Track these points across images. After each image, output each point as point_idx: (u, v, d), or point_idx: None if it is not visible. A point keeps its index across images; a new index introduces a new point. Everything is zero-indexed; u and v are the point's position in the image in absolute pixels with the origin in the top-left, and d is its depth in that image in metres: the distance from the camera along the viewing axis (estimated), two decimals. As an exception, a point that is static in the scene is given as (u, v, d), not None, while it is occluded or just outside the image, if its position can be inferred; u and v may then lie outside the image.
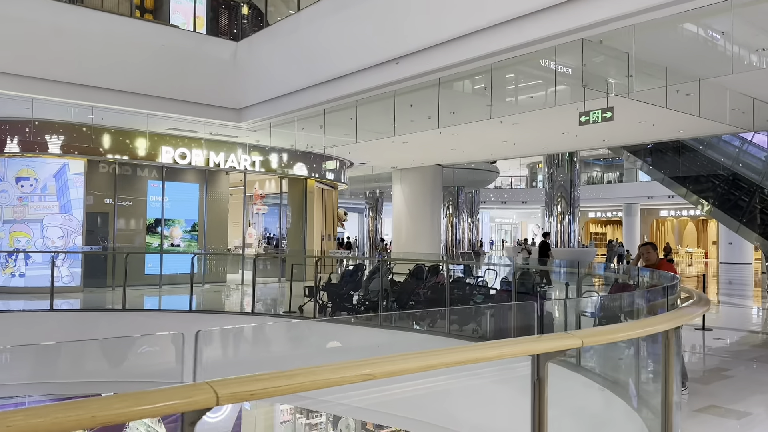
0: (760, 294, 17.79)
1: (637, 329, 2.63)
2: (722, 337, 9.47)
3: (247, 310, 11.82)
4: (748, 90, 10.81)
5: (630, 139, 15.72)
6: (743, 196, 18.67)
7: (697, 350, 8.59)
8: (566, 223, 26.17)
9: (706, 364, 7.61)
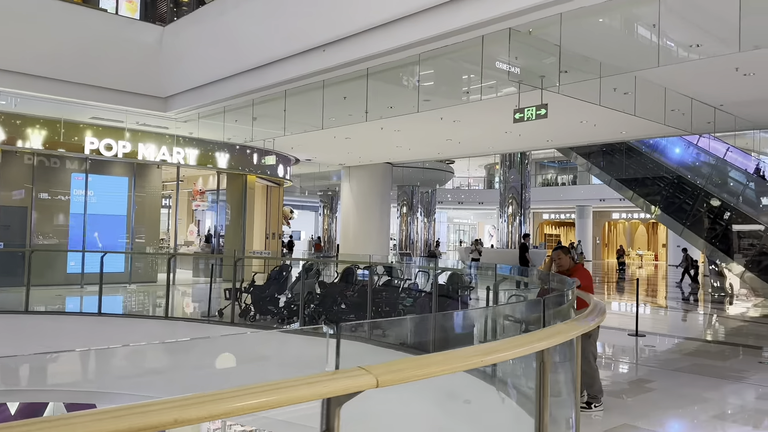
0: (702, 298, 17.71)
1: (460, 360, 1.91)
2: (654, 344, 9.09)
3: (174, 314, 11.00)
4: (686, 89, 10.47)
5: (574, 140, 15.37)
6: (687, 200, 18.59)
7: (624, 358, 8.16)
8: (517, 224, 25.88)
9: (630, 375, 7.15)
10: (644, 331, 10.26)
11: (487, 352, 2.07)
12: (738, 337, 10.36)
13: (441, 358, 1.76)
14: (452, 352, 1.88)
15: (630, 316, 12.25)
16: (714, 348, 9.08)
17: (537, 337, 2.58)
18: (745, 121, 12.33)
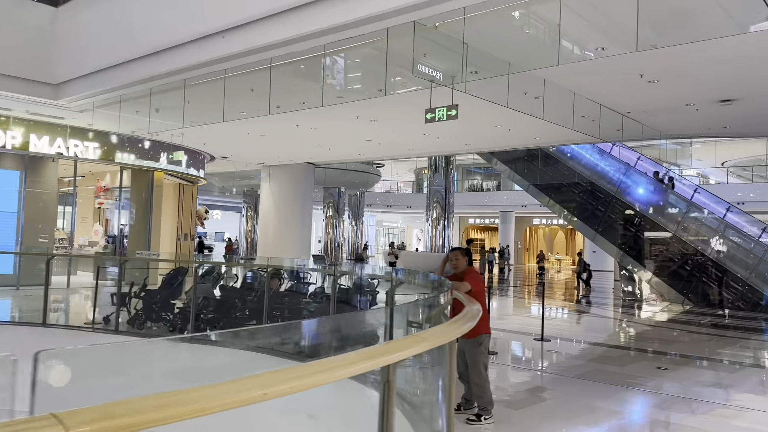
0: (612, 302, 18.09)
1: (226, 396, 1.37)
2: (557, 349, 8.93)
3: (61, 321, 9.97)
4: (594, 95, 10.46)
5: (491, 145, 15.28)
6: (600, 206, 18.99)
7: (524, 365, 7.93)
8: (441, 228, 25.82)
9: (527, 383, 6.88)
10: (551, 335, 10.14)
11: (267, 384, 1.55)
12: (642, 341, 10.42)
13: (154, 402, 1.21)
14: (197, 390, 1.34)
15: (549, 321, 12.21)
16: (616, 353, 9.03)
17: (344, 362, 2.07)
18: (652, 129, 12.54)
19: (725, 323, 12.93)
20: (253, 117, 11.09)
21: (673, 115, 11.28)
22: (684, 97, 10.08)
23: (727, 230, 16.39)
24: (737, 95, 9.75)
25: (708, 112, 10.82)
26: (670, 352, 9.12)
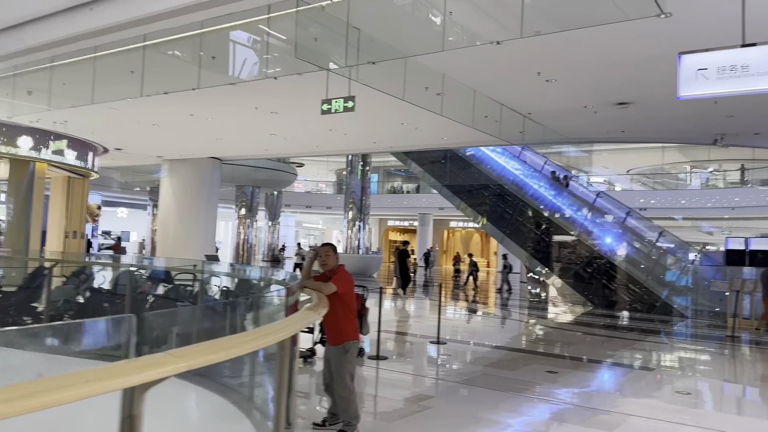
0: (519, 304, 18.18)
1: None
2: (451, 353, 8.55)
3: None
4: (495, 94, 10.24)
5: (399, 143, 14.90)
6: (508, 209, 19.11)
7: (413, 370, 7.47)
8: (357, 229, 25.34)
9: (411, 390, 6.41)
10: (449, 338, 9.80)
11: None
12: (538, 344, 10.28)
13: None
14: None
15: (450, 322, 11.90)
16: (510, 356, 8.78)
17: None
18: (553, 132, 12.55)
19: (622, 325, 13.14)
20: (126, 99, 10.05)
21: (573, 117, 11.28)
22: (582, 99, 10.04)
23: (627, 234, 16.84)
24: (632, 98, 9.81)
25: (606, 115, 10.88)
26: (563, 355, 8.98)
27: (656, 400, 6.51)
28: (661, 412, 5.81)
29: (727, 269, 13.96)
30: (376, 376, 7.03)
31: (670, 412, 5.84)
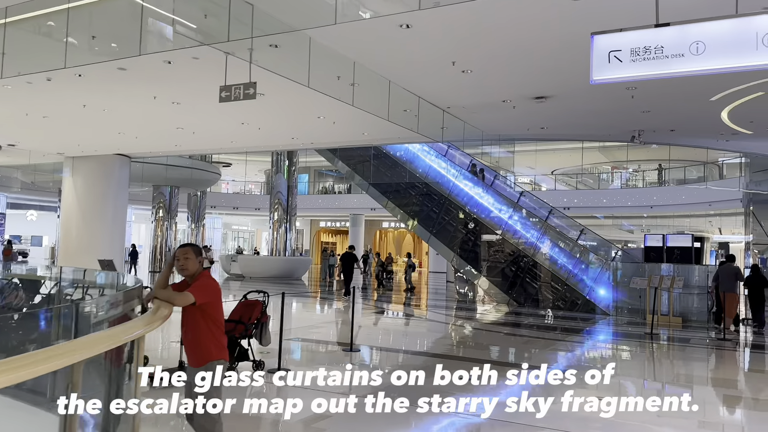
0: (445, 305, 17.79)
1: None
2: (364, 361, 7.87)
3: None
4: (411, 85, 9.66)
5: (319, 139, 14.13)
6: (434, 208, 18.71)
7: (314, 384, 6.71)
8: (283, 231, 24.33)
9: (306, 409, 5.64)
10: (365, 344, 9.14)
11: None
12: (460, 347, 9.77)
13: None
14: None
15: (370, 326, 11.27)
16: (428, 362, 8.17)
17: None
18: (474, 128, 12.15)
19: (545, 324, 12.90)
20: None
21: (492, 112, 10.89)
22: (499, 92, 9.62)
23: (550, 233, 16.76)
24: (549, 91, 9.47)
25: (525, 109, 10.53)
26: (483, 359, 8.47)
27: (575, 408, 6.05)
28: (576, 425, 5.34)
29: (646, 266, 14.04)
30: (270, 392, 6.24)
31: (585, 423, 5.38)
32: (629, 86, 9.00)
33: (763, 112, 9.94)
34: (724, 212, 25.57)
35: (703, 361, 9.30)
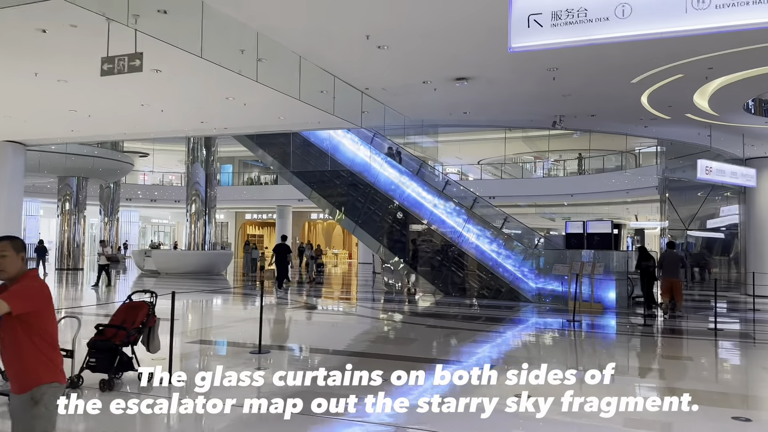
0: (371, 297, 17.22)
1: None
2: (272, 364, 7.10)
3: None
4: (326, 63, 8.91)
5: (231, 123, 13.09)
6: (360, 198, 18.06)
7: (210, 394, 5.89)
8: (202, 224, 22.95)
9: (192, 427, 4.86)
10: (277, 344, 8.37)
11: None
12: (378, 344, 9.17)
13: None
14: None
15: (286, 323, 10.47)
16: (342, 362, 7.49)
17: None
18: (396, 113, 11.56)
19: (469, 314, 12.54)
20: None
21: (413, 95, 10.30)
22: (419, 72, 9.03)
23: (475, 221, 16.49)
24: (469, 72, 8.97)
25: (446, 92, 10.01)
26: (401, 356, 7.89)
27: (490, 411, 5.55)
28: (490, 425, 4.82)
29: (567, 253, 13.99)
30: (153, 409, 5.36)
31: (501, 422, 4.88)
32: (550, 67, 8.65)
33: (681, 96, 9.90)
34: (640, 199, 26.43)
35: (629, 349, 9.15)
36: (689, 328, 10.64)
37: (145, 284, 19.46)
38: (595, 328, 10.63)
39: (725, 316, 12.60)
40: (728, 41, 7.37)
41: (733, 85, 9.28)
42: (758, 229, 16.17)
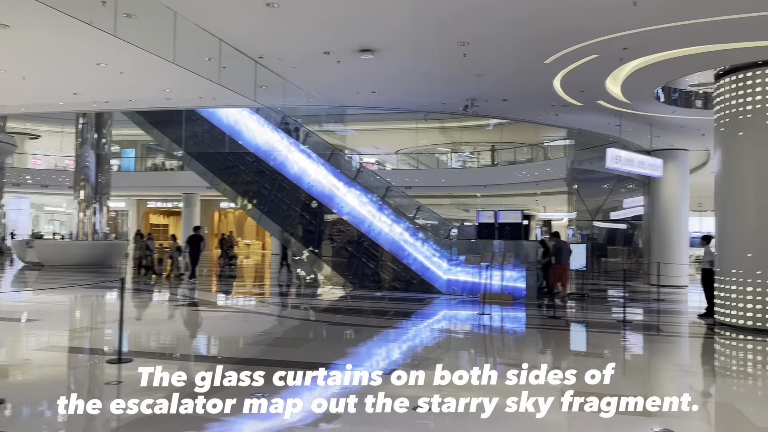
0: (276, 290, 15.98)
1: None
2: (131, 378, 5.80)
3: None
4: (208, 23, 7.61)
5: (113, 98, 11.45)
6: (266, 184, 16.72)
7: (35, 421, 4.56)
8: (92, 212, 20.66)
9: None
10: (143, 351, 7.05)
11: None
12: (267, 347, 8.01)
13: None
14: None
15: (167, 322, 9.06)
16: (216, 372, 6.31)
17: None
18: (297, 89, 10.39)
19: (376, 308, 11.65)
20: None
21: (315, 67, 9.18)
22: (317, 39, 7.92)
23: (386, 210, 15.63)
24: (374, 44, 7.98)
25: (351, 66, 8.97)
26: (289, 361, 6.79)
27: (381, 427, 4.62)
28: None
29: (479, 243, 13.45)
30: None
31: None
32: (461, 41, 7.83)
33: (594, 79, 9.42)
34: (549, 191, 26.75)
35: (538, 344, 8.57)
36: (598, 320, 10.30)
37: (27, 278, 17.15)
38: (504, 320, 10.05)
39: (633, 306, 12.49)
40: (645, 17, 6.84)
41: (647, 70, 8.90)
42: (662, 220, 16.42)
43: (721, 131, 9.20)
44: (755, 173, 8.77)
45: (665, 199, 16.31)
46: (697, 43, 7.80)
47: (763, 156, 8.70)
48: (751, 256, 8.74)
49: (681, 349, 8.38)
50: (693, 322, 10.28)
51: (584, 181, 18.01)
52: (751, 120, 8.73)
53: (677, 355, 8.04)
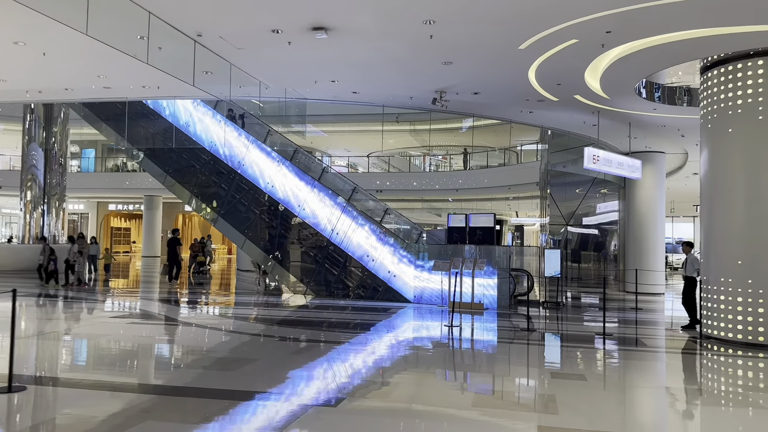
0: (230, 299, 14.75)
1: None
2: (27, 411, 4.62)
3: None
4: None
5: (46, 85, 10.16)
6: (223, 184, 15.53)
7: None
8: (39, 213, 19.14)
9: None
10: (48, 374, 5.86)
11: None
12: (204, 370, 6.88)
13: None
14: None
15: (98, 339, 7.79)
16: (136, 404, 5.17)
17: None
18: (248, 76, 9.29)
19: (335, 320, 10.56)
20: None
21: (264, 49, 8.09)
22: (263, 12, 6.85)
23: (352, 213, 14.58)
24: (329, 20, 6.95)
25: (305, 48, 7.91)
26: (224, 390, 5.68)
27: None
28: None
29: (449, 248, 12.50)
30: None
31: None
32: (426, 19, 6.84)
33: (572, 70, 8.53)
34: (521, 196, 26.07)
35: (513, 361, 7.60)
36: (576, 333, 9.40)
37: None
38: (475, 333, 9.08)
39: (611, 316, 11.66)
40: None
41: (628, 59, 8.04)
42: (637, 225, 15.73)
43: (708, 128, 8.40)
44: (745, 173, 7.98)
45: (641, 203, 15.62)
46: (685, 25, 6.97)
47: (755, 154, 7.91)
48: (741, 263, 7.94)
49: (672, 368, 7.50)
50: (676, 334, 9.46)
51: (557, 185, 17.28)
52: (741, 115, 7.94)
53: (671, 376, 7.15)
